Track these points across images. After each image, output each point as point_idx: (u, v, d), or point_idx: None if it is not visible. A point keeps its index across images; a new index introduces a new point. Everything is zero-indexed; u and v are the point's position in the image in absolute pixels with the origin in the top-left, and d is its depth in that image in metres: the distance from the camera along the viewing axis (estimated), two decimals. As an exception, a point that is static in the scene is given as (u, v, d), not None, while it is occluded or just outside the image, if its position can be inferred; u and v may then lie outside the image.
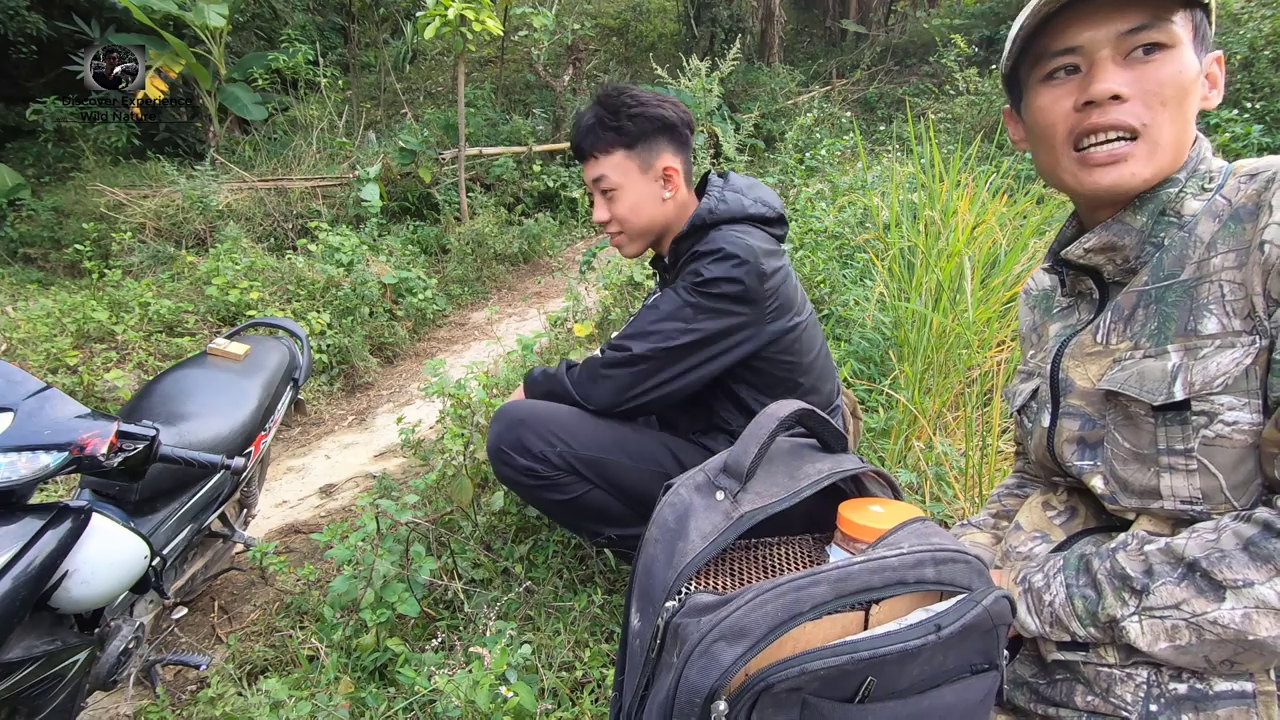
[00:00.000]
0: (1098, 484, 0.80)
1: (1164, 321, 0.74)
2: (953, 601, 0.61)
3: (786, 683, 0.55)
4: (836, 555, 0.74)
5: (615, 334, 1.45)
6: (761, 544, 0.80)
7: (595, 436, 1.41)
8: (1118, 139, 0.73)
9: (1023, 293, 1.05)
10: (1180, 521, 0.74)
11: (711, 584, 0.71)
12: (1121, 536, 0.76)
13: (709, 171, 1.48)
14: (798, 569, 0.75)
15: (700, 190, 1.48)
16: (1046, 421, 0.87)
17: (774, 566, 0.76)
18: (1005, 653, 0.68)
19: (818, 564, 0.77)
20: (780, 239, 1.43)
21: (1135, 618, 0.70)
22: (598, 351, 1.52)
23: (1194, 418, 0.70)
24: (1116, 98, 0.71)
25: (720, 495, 0.71)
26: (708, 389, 1.46)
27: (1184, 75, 0.71)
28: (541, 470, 1.38)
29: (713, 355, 1.34)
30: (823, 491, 0.76)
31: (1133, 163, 0.73)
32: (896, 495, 0.81)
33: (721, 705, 0.56)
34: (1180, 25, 0.71)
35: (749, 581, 0.72)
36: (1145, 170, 0.73)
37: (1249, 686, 0.66)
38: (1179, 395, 0.70)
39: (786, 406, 0.75)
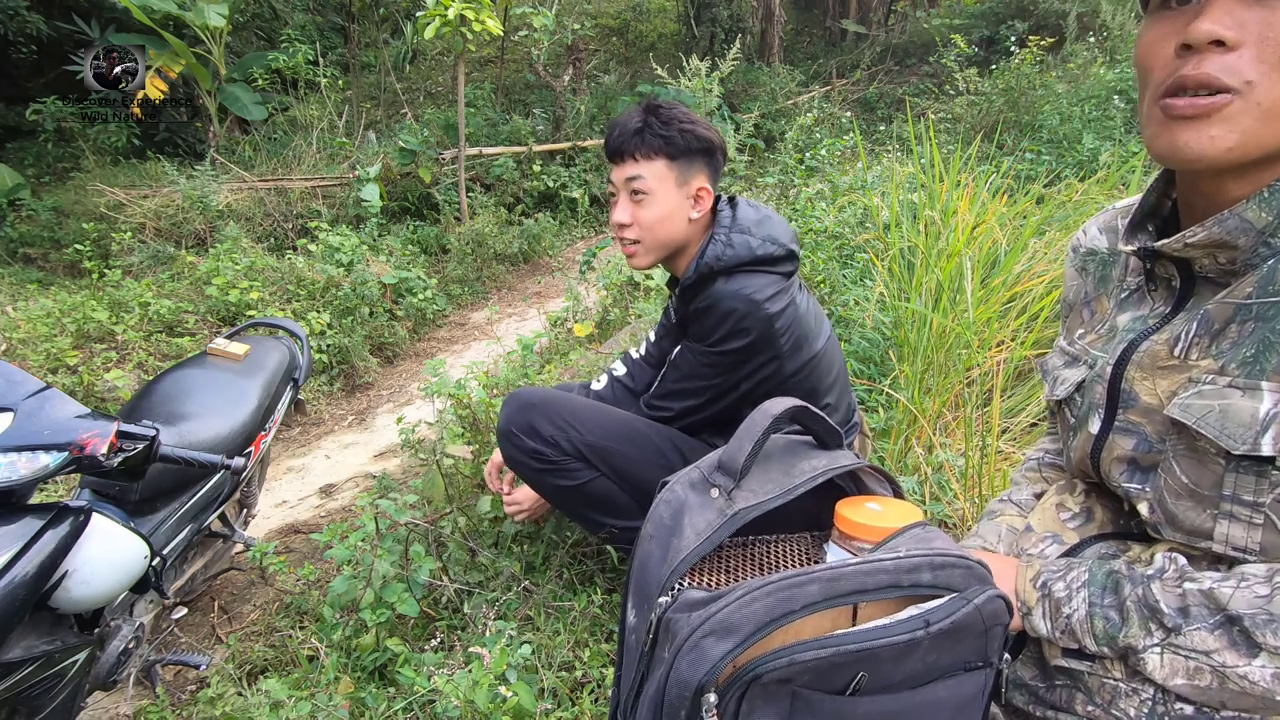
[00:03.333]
0: (1143, 510, 0.72)
1: (1264, 349, 0.61)
2: (945, 599, 0.62)
3: (775, 673, 0.56)
4: (834, 553, 0.74)
5: (650, 392, 1.52)
6: (759, 541, 0.80)
7: (605, 425, 1.43)
8: (1210, 93, 0.57)
9: (1070, 250, 0.90)
10: (1220, 557, 0.67)
11: (706, 580, 0.72)
12: (1159, 561, 0.69)
13: (718, 196, 1.48)
14: (794, 566, 0.75)
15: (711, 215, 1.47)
16: (1095, 428, 0.76)
17: (770, 564, 0.76)
18: (1007, 654, 0.67)
19: (814, 562, 0.77)
20: (790, 274, 1.42)
21: (1157, 649, 0.65)
22: (620, 367, 1.62)
23: (1275, 473, 0.60)
24: (1220, 43, 0.56)
25: (715, 493, 0.72)
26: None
27: None
28: (550, 454, 1.39)
29: (738, 388, 1.41)
30: (821, 489, 0.75)
31: (1217, 124, 0.57)
32: (896, 493, 0.81)
33: (711, 697, 0.57)
34: None
35: (744, 578, 0.73)
36: (1231, 136, 0.57)
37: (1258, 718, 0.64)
38: (1266, 450, 0.59)
39: (781, 404, 0.75)
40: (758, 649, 0.57)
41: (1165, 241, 0.67)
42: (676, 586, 0.66)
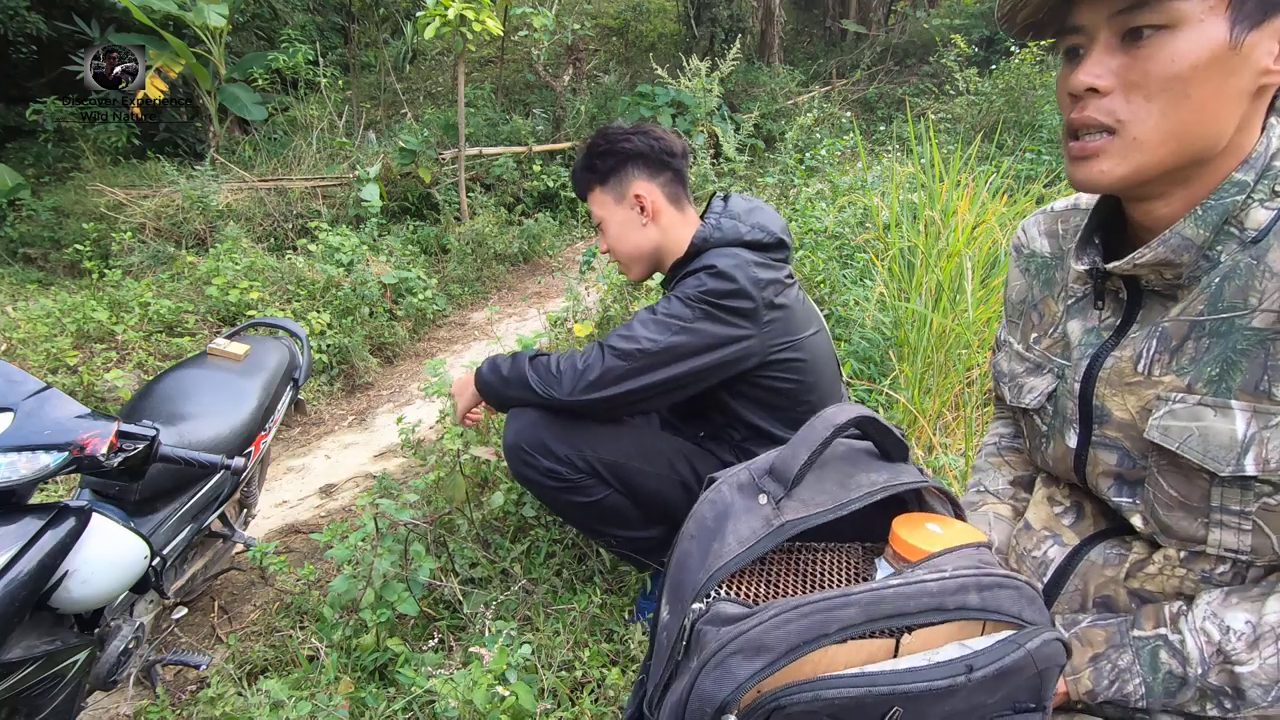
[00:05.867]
0: (1137, 522, 0.74)
1: (1227, 368, 0.65)
2: (993, 639, 0.57)
3: (799, 706, 0.53)
4: (884, 571, 0.69)
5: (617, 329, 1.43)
6: (806, 549, 0.75)
7: (616, 441, 1.41)
8: (1096, 132, 0.66)
9: (1013, 249, 0.93)
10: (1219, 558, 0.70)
11: (744, 589, 0.68)
12: (1192, 651, 0.68)
13: (714, 194, 1.51)
14: (840, 582, 0.70)
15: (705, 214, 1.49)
16: (1073, 443, 0.79)
17: (814, 575, 0.71)
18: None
19: (863, 578, 0.72)
20: (781, 261, 1.42)
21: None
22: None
23: (1258, 485, 0.63)
24: (1094, 90, 0.65)
25: (763, 499, 0.68)
26: (707, 405, 1.47)
27: (1177, 62, 0.61)
28: (565, 473, 1.38)
29: (707, 363, 1.32)
30: (880, 501, 0.70)
31: (1104, 160, 0.66)
32: (959, 515, 0.75)
33: (731, 719, 0.55)
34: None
35: (784, 590, 0.69)
36: (1119, 168, 0.66)
37: None
38: (1250, 470, 0.63)
39: (845, 412, 0.70)
40: (788, 674, 0.55)
41: (1116, 264, 0.72)
42: (711, 595, 0.63)
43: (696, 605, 0.62)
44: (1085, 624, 0.77)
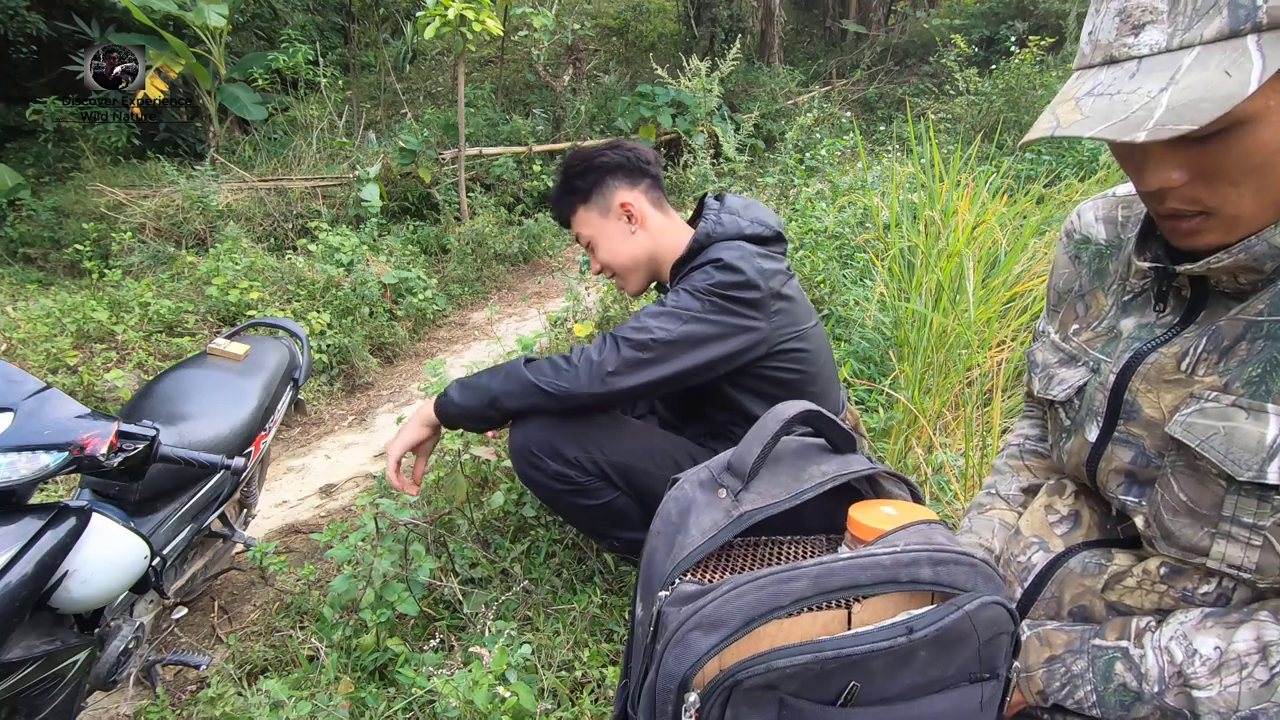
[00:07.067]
0: (1139, 524, 0.72)
1: (1271, 369, 0.61)
2: (934, 606, 0.59)
3: (755, 679, 0.55)
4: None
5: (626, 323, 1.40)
6: (771, 542, 0.78)
7: (624, 442, 1.41)
8: (1190, 214, 0.63)
9: (1064, 234, 0.89)
10: (1212, 573, 0.68)
11: (709, 578, 0.71)
12: (1151, 669, 0.67)
13: (705, 194, 1.51)
14: (800, 568, 0.75)
15: (697, 214, 1.50)
16: (1093, 436, 0.76)
17: (777, 564, 0.74)
18: (1017, 664, 0.65)
19: None
20: (780, 254, 1.45)
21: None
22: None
23: (1278, 497, 0.60)
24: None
25: (722, 493, 0.72)
26: (709, 400, 1.46)
27: (1259, 153, 0.57)
28: (575, 476, 1.37)
29: (719, 353, 1.32)
30: (842, 492, 0.74)
31: (1207, 235, 0.64)
32: (915, 498, 0.78)
33: (692, 697, 0.56)
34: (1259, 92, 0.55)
35: None
36: (1228, 237, 0.63)
37: None
38: (1272, 478, 0.59)
39: (792, 407, 0.74)
40: (745, 648, 0.56)
41: (1188, 266, 0.67)
42: (675, 582, 0.66)
43: (663, 593, 0.65)
44: (1051, 626, 0.76)
